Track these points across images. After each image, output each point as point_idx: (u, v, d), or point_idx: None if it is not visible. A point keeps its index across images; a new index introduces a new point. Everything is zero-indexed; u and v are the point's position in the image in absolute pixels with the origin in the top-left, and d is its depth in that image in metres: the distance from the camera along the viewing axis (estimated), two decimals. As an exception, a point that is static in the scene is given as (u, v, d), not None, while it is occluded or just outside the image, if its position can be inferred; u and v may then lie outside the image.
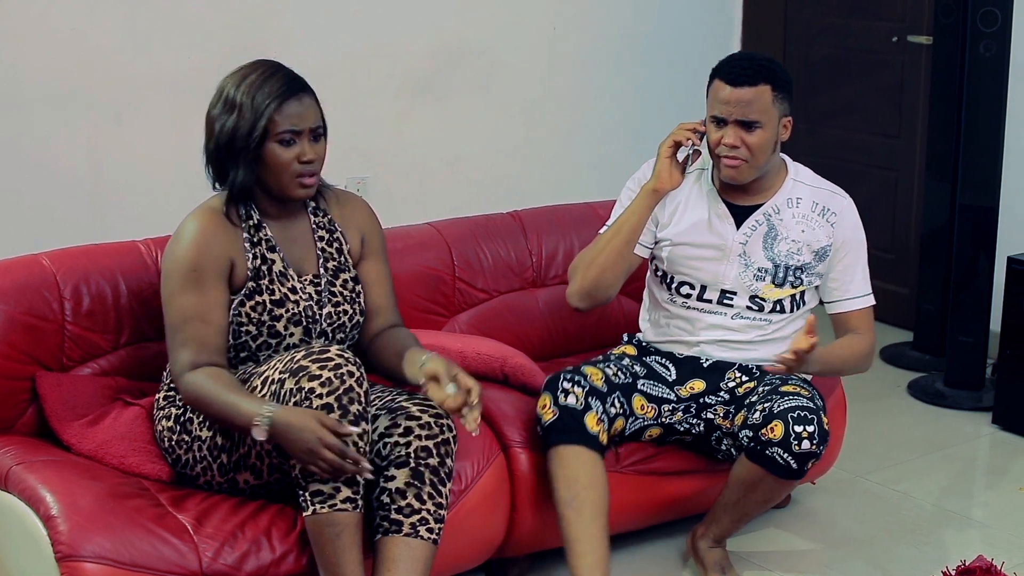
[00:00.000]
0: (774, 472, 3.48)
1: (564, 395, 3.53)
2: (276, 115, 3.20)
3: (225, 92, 3.24)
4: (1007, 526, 4.12)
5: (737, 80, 3.58)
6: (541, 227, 4.34)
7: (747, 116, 3.57)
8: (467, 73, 5.70)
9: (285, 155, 3.22)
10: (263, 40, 5.08)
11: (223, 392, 3.10)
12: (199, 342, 3.19)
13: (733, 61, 3.65)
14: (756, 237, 3.71)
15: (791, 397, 3.49)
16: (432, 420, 3.22)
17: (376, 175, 5.53)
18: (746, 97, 3.57)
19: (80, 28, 4.77)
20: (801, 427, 3.42)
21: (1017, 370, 4.79)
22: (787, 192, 3.75)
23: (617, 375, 3.68)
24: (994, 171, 5.05)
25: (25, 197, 4.77)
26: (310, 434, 2.96)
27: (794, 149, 6.09)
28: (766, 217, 3.72)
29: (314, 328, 3.32)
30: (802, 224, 3.72)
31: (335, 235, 3.44)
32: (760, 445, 3.46)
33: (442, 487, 3.21)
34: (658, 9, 6.18)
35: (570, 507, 3.47)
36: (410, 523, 3.16)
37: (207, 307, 3.20)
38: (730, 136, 3.59)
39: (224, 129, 3.21)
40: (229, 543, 3.08)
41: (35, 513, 3.04)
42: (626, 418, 3.66)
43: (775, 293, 3.72)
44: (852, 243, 3.76)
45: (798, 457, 3.43)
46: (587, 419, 3.50)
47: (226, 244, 3.24)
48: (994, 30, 4.90)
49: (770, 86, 3.59)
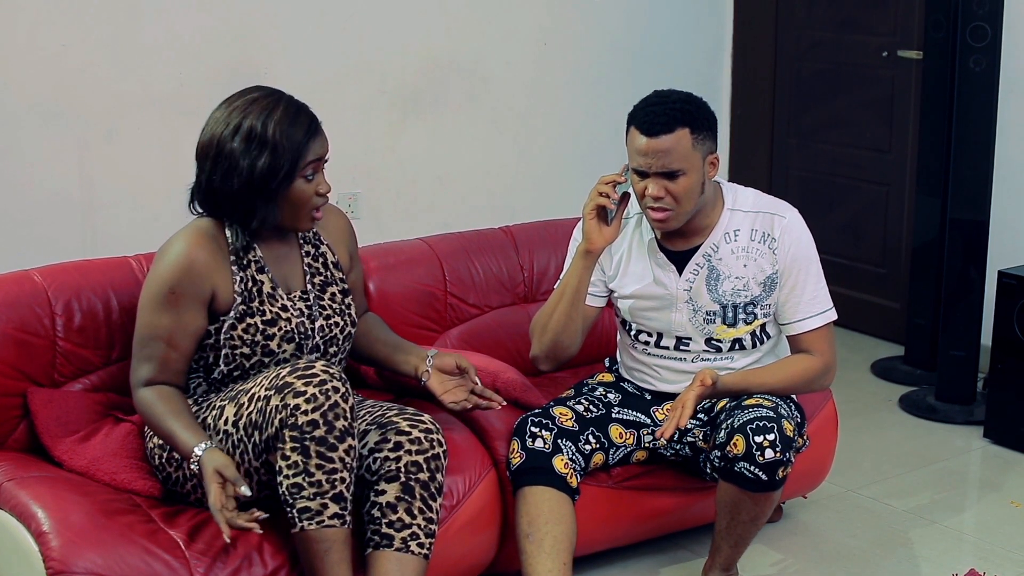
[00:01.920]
0: (747, 488, 3.42)
1: (532, 439, 3.53)
2: (308, 153, 3.22)
3: (248, 128, 3.18)
4: (999, 540, 4.12)
5: (652, 129, 3.42)
6: (533, 242, 4.34)
7: (668, 167, 3.42)
8: (457, 89, 5.71)
9: (308, 190, 3.24)
10: (253, 57, 5.08)
11: (168, 417, 3.16)
12: (160, 362, 3.23)
13: (647, 107, 3.46)
14: (699, 281, 3.62)
15: (751, 409, 3.43)
16: (422, 435, 3.23)
17: (367, 191, 5.53)
18: (664, 146, 3.40)
19: (70, 45, 4.77)
20: (761, 437, 3.35)
21: (1008, 384, 4.79)
22: (724, 226, 3.61)
23: (589, 410, 3.67)
24: (985, 185, 5.06)
25: (16, 214, 4.77)
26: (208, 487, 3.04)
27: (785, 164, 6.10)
28: (706, 259, 3.61)
29: (307, 343, 3.33)
30: (743, 258, 3.60)
31: (320, 249, 3.45)
32: (727, 463, 3.42)
33: (432, 502, 3.21)
34: (649, 25, 6.19)
35: (530, 540, 3.44)
36: (401, 538, 3.16)
37: (176, 331, 3.22)
38: (652, 188, 3.45)
39: (256, 168, 3.16)
40: (220, 559, 3.07)
41: (27, 529, 3.03)
42: (605, 451, 3.64)
43: (730, 333, 3.65)
44: (798, 262, 3.60)
45: (765, 468, 3.37)
46: (555, 461, 3.50)
47: (210, 271, 3.23)
48: (984, 45, 4.91)
49: (688, 129, 3.42)
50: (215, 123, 3.23)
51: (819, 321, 3.63)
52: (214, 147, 3.20)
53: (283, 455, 3.03)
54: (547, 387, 4.01)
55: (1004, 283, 4.80)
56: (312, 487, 3.02)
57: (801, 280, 3.61)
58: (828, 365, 3.64)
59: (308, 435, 3.01)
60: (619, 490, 3.70)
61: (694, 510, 3.87)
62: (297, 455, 3.01)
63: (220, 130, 3.20)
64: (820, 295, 3.64)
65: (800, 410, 3.69)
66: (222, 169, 3.19)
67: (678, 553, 4.00)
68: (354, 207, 5.44)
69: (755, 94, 6.49)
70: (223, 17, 5.08)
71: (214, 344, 3.28)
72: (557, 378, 4.16)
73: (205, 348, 3.29)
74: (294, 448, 3.02)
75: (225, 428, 3.16)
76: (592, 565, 3.86)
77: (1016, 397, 4.77)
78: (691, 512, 3.89)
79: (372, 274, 3.98)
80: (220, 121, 3.22)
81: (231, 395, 3.21)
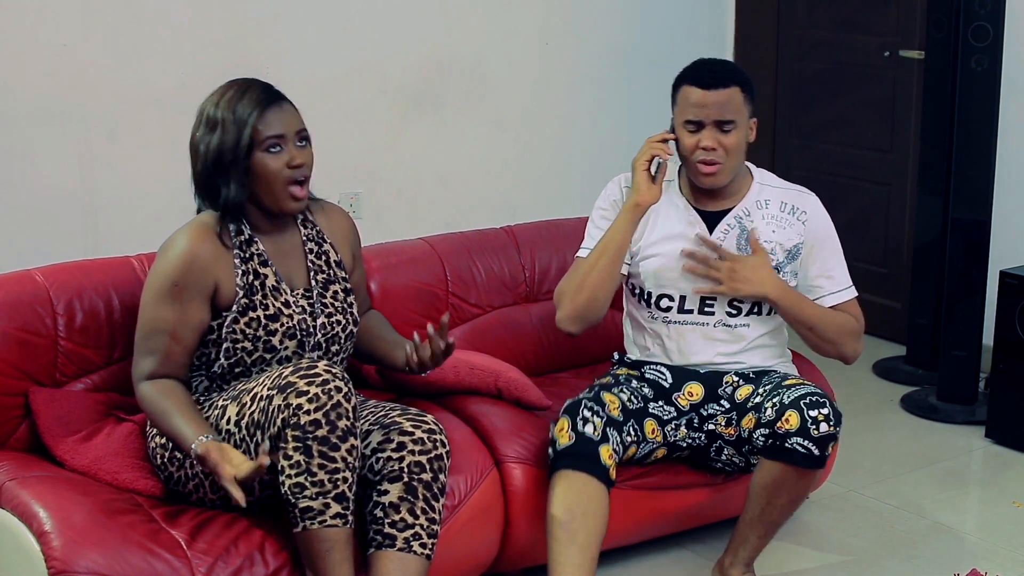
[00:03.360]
0: (797, 463, 3.43)
1: (583, 423, 3.50)
2: (259, 124, 3.23)
3: (205, 114, 3.28)
4: (1000, 540, 4.12)
5: (710, 83, 3.63)
6: (534, 242, 4.34)
7: (723, 116, 3.61)
8: (459, 88, 5.71)
9: (274, 163, 3.25)
10: (255, 56, 5.08)
11: (171, 412, 3.17)
12: (163, 355, 3.24)
13: (702, 66, 3.70)
14: (729, 240, 3.72)
15: (797, 387, 3.50)
16: (425, 436, 3.23)
17: (369, 190, 5.53)
18: (720, 98, 3.61)
19: (72, 44, 4.78)
20: (816, 411, 3.40)
21: (1010, 384, 4.79)
22: (755, 195, 3.76)
23: (631, 400, 3.67)
24: (986, 185, 5.06)
25: (17, 213, 4.77)
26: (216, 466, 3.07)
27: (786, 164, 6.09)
28: (737, 220, 3.73)
29: (308, 340, 3.33)
30: (772, 224, 3.73)
31: (323, 247, 3.46)
32: (778, 439, 3.43)
33: (435, 502, 3.21)
34: (650, 24, 6.19)
35: (564, 529, 3.40)
36: (403, 538, 3.16)
37: (180, 324, 3.23)
38: (707, 139, 3.62)
39: (210, 148, 3.24)
40: (222, 558, 3.07)
41: (28, 529, 3.02)
42: (638, 444, 3.65)
43: None
44: (826, 239, 3.77)
45: (818, 442, 3.40)
46: (602, 450, 3.47)
47: (213, 264, 3.25)
48: (986, 45, 4.92)
49: (739, 88, 3.65)
50: (196, 118, 3.33)
51: (852, 293, 3.79)
52: (191, 141, 3.31)
53: (285, 455, 3.03)
54: (549, 387, 4.00)
55: (1006, 283, 4.80)
56: (314, 487, 3.02)
57: (834, 256, 3.78)
58: (862, 331, 3.80)
59: (311, 435, 3.01)
60: (622, 489, 3.69)
61: (696, 509, 3.86)
62: (300, 454, 3.02)
63: (195, 123, 3.31)
64: (846, 272, 3.80)
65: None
66: (193, 158, 3.29)
67: (680, 553, 4.00)
68: (356, 207, 5.45)
69: (756, 94, 6.48)
70: (225, 17, 5.08)
71: (216, 339, 3.28)
72: (559, 378, 4.16)
73: (207, 344, 3.30)
74: (296, 448, 3.02)
75: (227, 427, 3.16)
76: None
77: (1018, 397, 4.77)
78: (693, 512, 3.88)
79: (374, 273, 3.98)
80: (198, 115, 3.32)
81: (233, 395, 3.22)
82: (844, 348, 3.77)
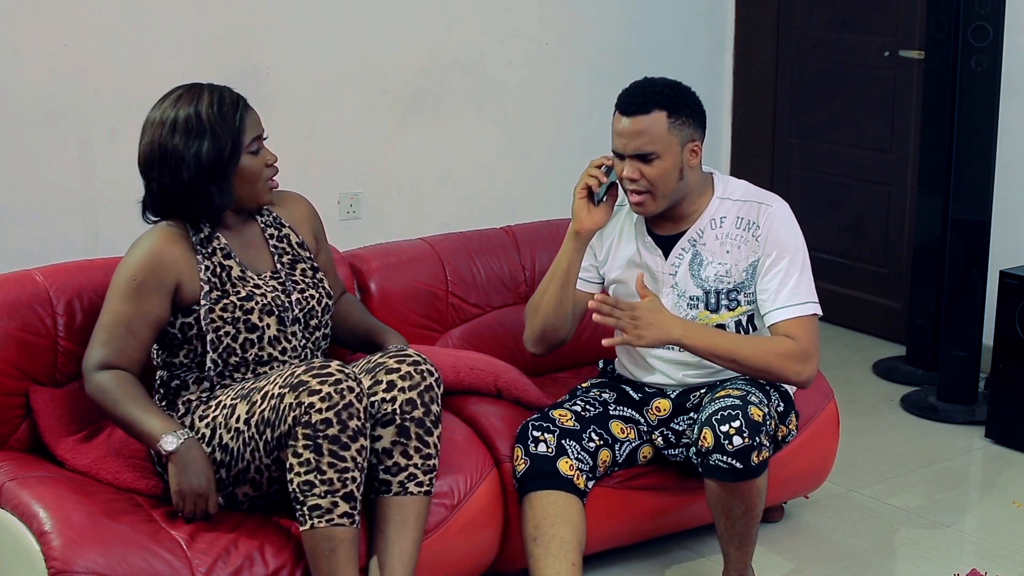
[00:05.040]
0: (724, 479, 3.38)
1: (535, 443, 3.51)
2: (245, 128, 3.31)
3: (184, 120, 3.27)
4: (1000, 539, 4.12)
5: (628, 109, 3.50)
6: (534, 242, 4.34)
7: (641, 148, 3.47)
8: (459, 89, 5.71)
9: (257, 163, 3.34)
10: (255, 57, 5.09)
11: (127, 401, 3.20)
12: (118, 347, 3.26)
13: (629, 89, 3.55)
14: (683, 265, 3.62)
15: (716, 401, 3.42)
16: (412, 369, 3.26)
17: (369, 190, 5.53)
18: (638, 127, 3.47)
19: (72, 44, 4.77)
20: (726, 425, 3.32)
21: (1010, 384, 4.79)
22: (711, 213, 3.60)
23: (586, 409, 3.65)
24: (986, 185, 5.06)
25: (17, 214, 4.77)
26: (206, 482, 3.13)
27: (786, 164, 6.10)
28: (691, 243, 3.61)
29: (287, 316, 3.36)
30: (726, 244, 3.58)
31: (283, 231, 3.51)
32: (703, 458, 3.40)
33: (429, 437, 3.24)
34: (650, 25, 6.19)
35: (536, 543, 3.41)
36: (398, 481, 3.21)
37: (138, 318, 3.26)
38: (627, 169, 3.50)
39: (202, 155, 3.25)
40: (222, 558, 3.08)
41: (28, 529, 3.03)
42: (610, 447, 3.63)
43: (713, 319, 3.61)
44: (779, 250, 3.54)
45: (736, 455, 3.32)
46: (560, 464, 3.48)
47: (176, 263, 3.29)
48: (985, 45, 4.92)
49: (665, 112, 3.47)
50: (150, 129, 3.32)
51: (799, 311, 3.52)
52: (156, 151, 3.29)
53: (295, 452, 3.04)
54: (549, 387, 4.01)
55: (1006, 283, 4.80)
56: (323, 485, 3.03)
57: (783, 269, 3.54)
58: (806, 352, 3.49)
59: (321, 433, 3.03)
60: (620, 490, 3.70)
61: (695, 510, 3.86)
62: (309, 453, 3.03)
63: (157, 133, 3.29)
64: (803, 287, 3.54)
65: (786, 400, 3.64)
66: (170, 168, 3.28)
67: (680, 553, 4.00)
68: (355, 207, 5.45)
69: (756, 94, 6.49)
70: (225, 17, 5.08)
71: (198, 334, 3.30)
72: (559, 378, 4.16)
73: (191, 341, 3.31)
74: (307, 446, 3.03)
75: (237, 425, 3.17)
76: (593, 565, 3.85)
77: (1018, 397, 4.77)
78: (692, 512, 3.88)
79: (374, 274, 3.98)
80: (154, 125, 3.31)
81: (243, 393, 3.23)
82: (784, 373, 3.50)
